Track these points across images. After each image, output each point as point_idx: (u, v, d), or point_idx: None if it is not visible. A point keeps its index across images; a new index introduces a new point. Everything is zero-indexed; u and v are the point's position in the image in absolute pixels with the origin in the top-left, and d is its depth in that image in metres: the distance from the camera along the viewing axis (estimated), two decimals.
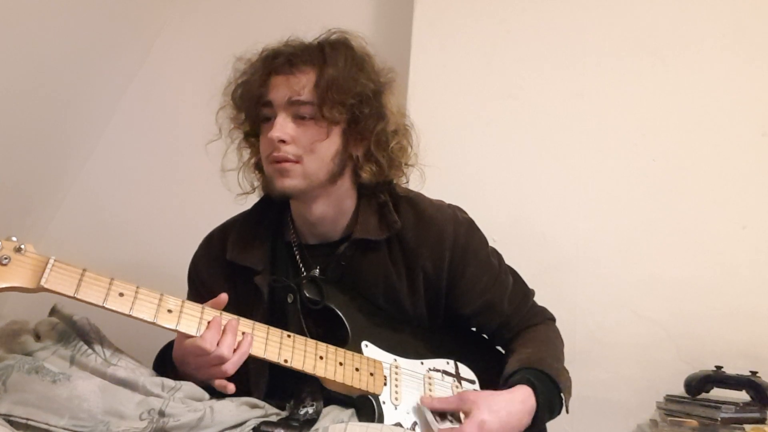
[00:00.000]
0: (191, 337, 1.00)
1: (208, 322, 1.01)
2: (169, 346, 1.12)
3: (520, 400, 1.10)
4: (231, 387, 1.01)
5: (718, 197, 1.69)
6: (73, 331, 0.99)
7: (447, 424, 1.09)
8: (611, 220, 1.73)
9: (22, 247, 0.90)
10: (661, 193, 1.72)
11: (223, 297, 1.05)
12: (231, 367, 1.00)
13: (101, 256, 1.00)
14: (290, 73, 1.11)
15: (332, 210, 1.19)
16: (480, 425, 1.04)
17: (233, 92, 1.18)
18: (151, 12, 2.02)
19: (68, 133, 1.93)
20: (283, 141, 1.10)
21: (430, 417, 1.10)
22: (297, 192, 1.14)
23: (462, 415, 1.11)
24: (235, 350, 1.00)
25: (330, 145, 1.12)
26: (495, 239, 1.32)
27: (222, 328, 1.01)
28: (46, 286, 0.90)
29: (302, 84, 1.10)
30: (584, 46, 1.80)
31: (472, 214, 1.29)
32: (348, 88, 1.10)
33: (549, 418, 1.17)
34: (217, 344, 0.99)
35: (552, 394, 1.15)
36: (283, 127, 1.10)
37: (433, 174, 1.32)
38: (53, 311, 1.02)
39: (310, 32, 1.19)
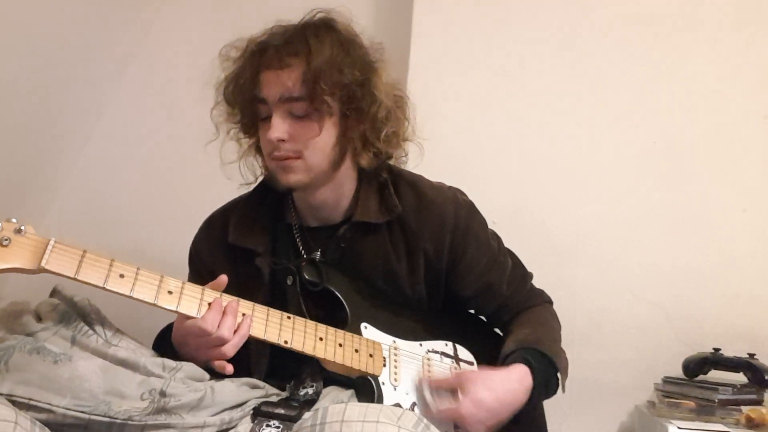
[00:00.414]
0: (192, 318, 1.00)
1: (209, 304, 1.01)
2: (168, 328, 1.12)
3: (516, 378, 1.11)
4: (230, 368, 1.01)
5: (718, 180, 1.70)
6: (74, 311, 0.99)
7: (445, 404, 1.10)
8: (612, 204, 1.73)
9: (23, 228, 0.90)
10: (661, 177, 1.72)
11: (223, 278, 1.05)
12: (231, 348, 1.01)
13: (99, 242, 0.99)
14: (279, 67, 1.10)
15: (334, 194, 1.20)
16: (476, 403, 1.05)
17: (225, 89, 1.17)
18: None
19: (64, 119, 1.91)
20: (281, 140, 1.10)
21: (428, 396, 1.11)
22: (302, 185, 1.15)
23: (460, 394, 1.12)
24: (235, 332, 1.01)
25: (328, 136, 1.12)
26: (495, 222, 1.32)
27: (222, 309, 1.01)
28: (46, 267, 0.90)
29: (292, 79, 1.09)
30: (585, 30, 1.79)
31: (472, 198, 1.29)
32: (337, 78, 1.09)
33: (545, 396, 1.19)
34: (218, 325, 1.00)
35: (548, 374, 1.16)
36: (279, 126, 1.09)
37: (434, 156, 1.32)
38: (54, 292, 1.02)
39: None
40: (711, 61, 1.73)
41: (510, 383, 1.10)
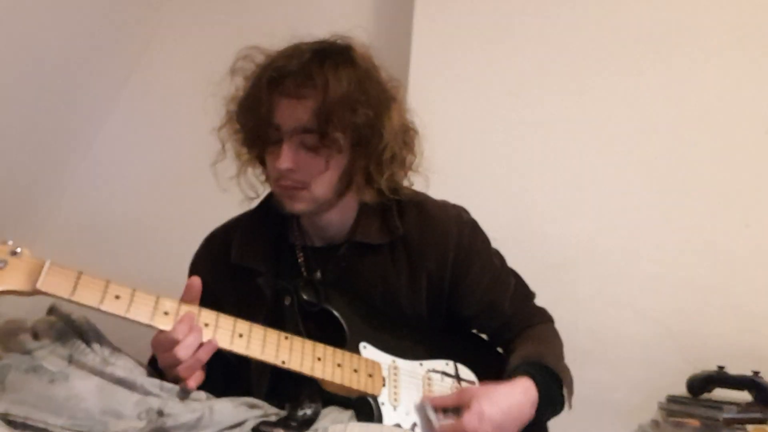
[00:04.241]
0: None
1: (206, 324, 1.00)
2: None
3: (520, 391, 1.10)
4: (192, 383, 0.99)
5: (721, 196, 1.68)
6: (72, 330, 0.99)
7: (449, 421, 1.09)
8: (613, 219, 1.72)
9: (18, 250, 0.90)
10: (663, 192, 1.71)
11: (196, 282, 1.02)
12: (182, 349, 0.97)
13: (98, 258, 1.00)
14: (296, 97, 1.08)
15: (339, 216, 1.20)
16: (480, 416, 1.04)
17: (237, 109, 1.17)
18: (148, 8, 2.01)
19: (64, 134, 1.92)
20: (289, 170, 1.10)
21: (431, 414, 1.10)
22: (307, 213, 1.16)
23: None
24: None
25: (336, 168, 1.12)
26: (496, 238, 1.31)
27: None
28: (42, 289, 0.90)
29: (307, 111, 1.08)
30: (586, 44, 1.79)
31: (473, 213, 1.28)
32: (349, 117, 1.08)
33: (551, 412, 1.17)
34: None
35: (552, 387, 1.15)
36: (289, 157, 1.09)
37: (434, 173, 1.31)
38: (51, 310, 1.02)
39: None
40: (713, 75, 1.72)
41: (514, 396, 1.09)
